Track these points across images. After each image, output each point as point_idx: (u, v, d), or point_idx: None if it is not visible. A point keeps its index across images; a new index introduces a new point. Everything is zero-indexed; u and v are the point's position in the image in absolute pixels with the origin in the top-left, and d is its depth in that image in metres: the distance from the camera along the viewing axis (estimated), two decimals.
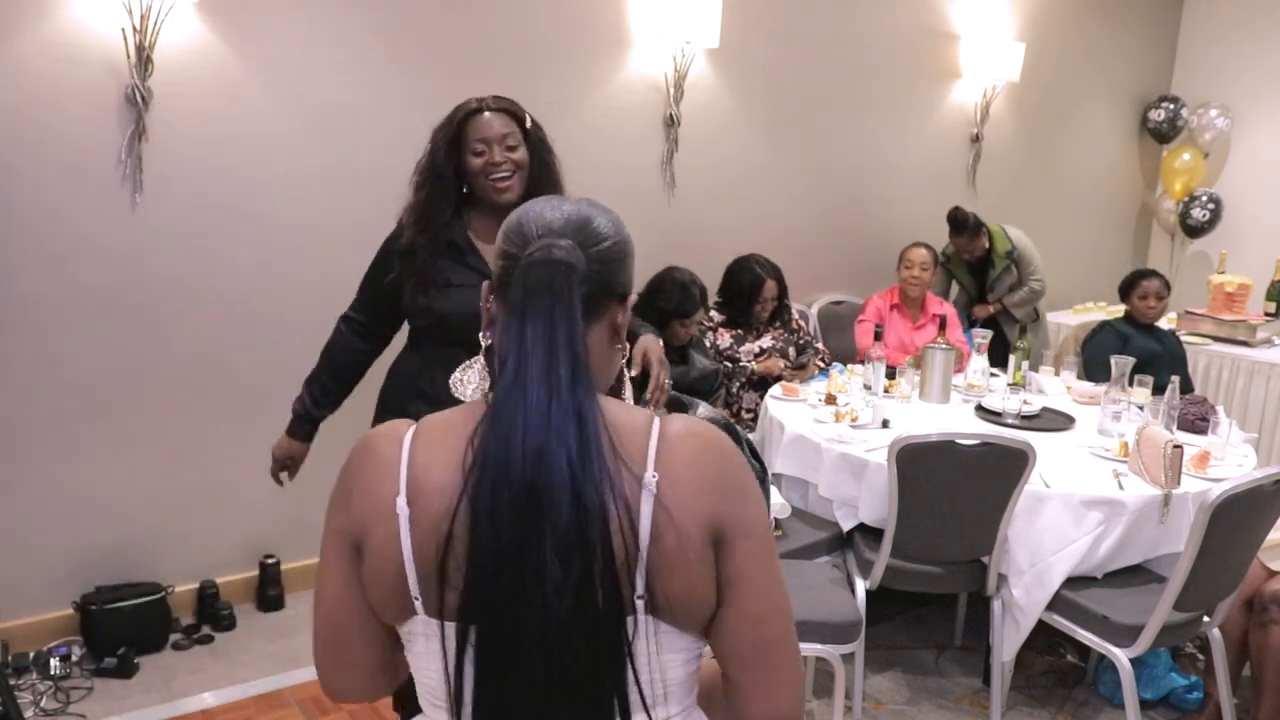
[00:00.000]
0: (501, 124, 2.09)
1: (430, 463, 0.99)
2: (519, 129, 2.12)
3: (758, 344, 4.00)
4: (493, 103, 2.12)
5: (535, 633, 0.91)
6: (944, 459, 2.64)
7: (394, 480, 0.99)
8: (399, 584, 0.99)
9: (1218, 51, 5.95)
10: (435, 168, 2.12)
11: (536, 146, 2.15)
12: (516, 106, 2.16)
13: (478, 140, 2.08)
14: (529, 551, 0.90)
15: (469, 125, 2.10)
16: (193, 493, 3.25)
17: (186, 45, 3.00)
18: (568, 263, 0.98)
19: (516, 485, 0.91)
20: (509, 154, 2.08)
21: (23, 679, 2.85)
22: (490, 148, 2.08)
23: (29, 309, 2.90)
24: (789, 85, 4.47)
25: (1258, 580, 2.76)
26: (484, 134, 2.08)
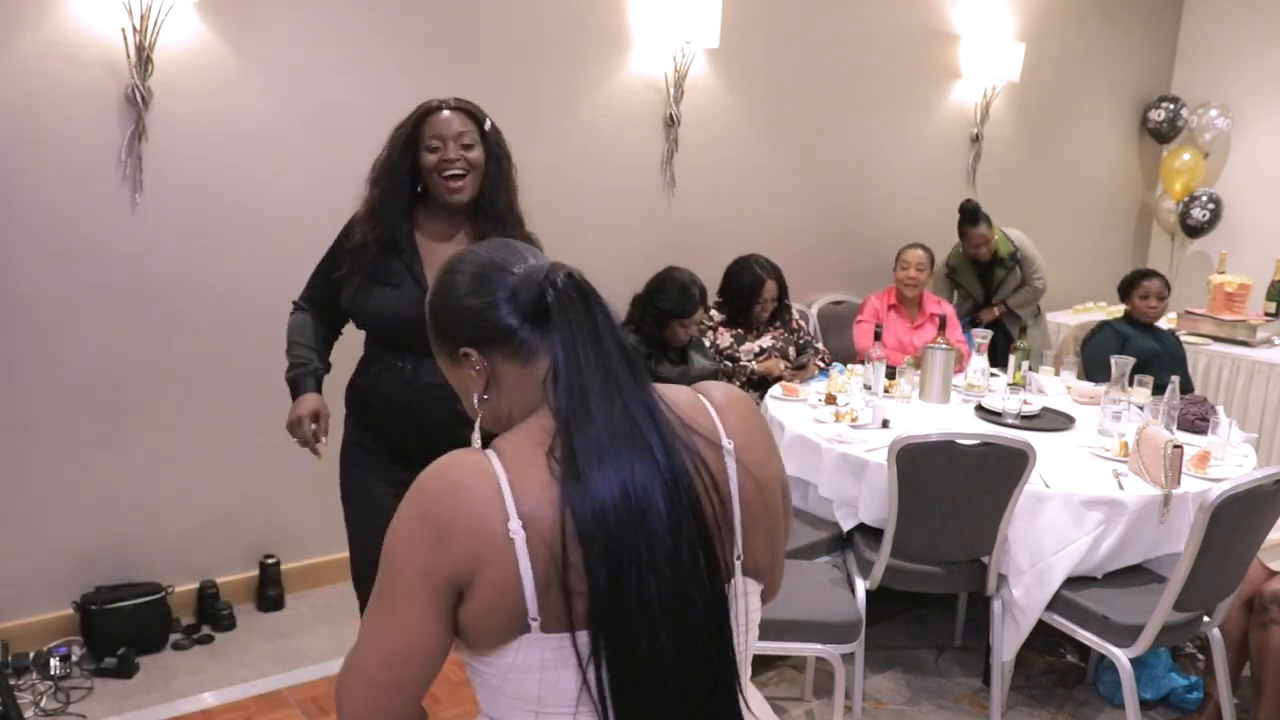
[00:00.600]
0: (459, 122, 2.08)
1: (524, 484, 1.00)
2: (477, 129, 2.11)
3: (758, 344, 4.00)
4: (453, 102, 2.12)
5: (661, 615, 0.96)
6: (944, 459, 2.64)
7: (500, 509, 0.99)
8: (517, 609, 0.99)
9: (1218, 51, 5.95)
10: (390, 165, 2.13)
11: (493, 150, 2.14)
12: (476, 108, 2.15)
13: (433, 136, 2.08)
14: (640, 542, 0.96)
15: (425, 122, 2.09)
16: (193, 493, 3.25)
17: (186, 45, 3.00)
18: (575, 271, 1.06)
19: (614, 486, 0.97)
20: (464, 152, 2.08)
21: (23, 679, 2.85)
22: (445, 144, 2.07)
23: (29, 309, 2.90)
24: (789, 85, 4.47)
25: (1258, 580, 2.76)
26: (439, 131, 2.08)
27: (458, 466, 1.02)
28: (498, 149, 2.15)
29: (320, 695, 2.88)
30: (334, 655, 3.09)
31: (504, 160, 2.16)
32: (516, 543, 0.98)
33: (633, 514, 0.97)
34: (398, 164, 2.11)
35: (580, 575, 0.97)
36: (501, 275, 1.08)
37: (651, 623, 0.96)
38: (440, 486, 1.01)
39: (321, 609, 3.40)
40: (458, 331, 1.11)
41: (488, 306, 1.08)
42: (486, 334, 1.08)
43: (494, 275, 1.09)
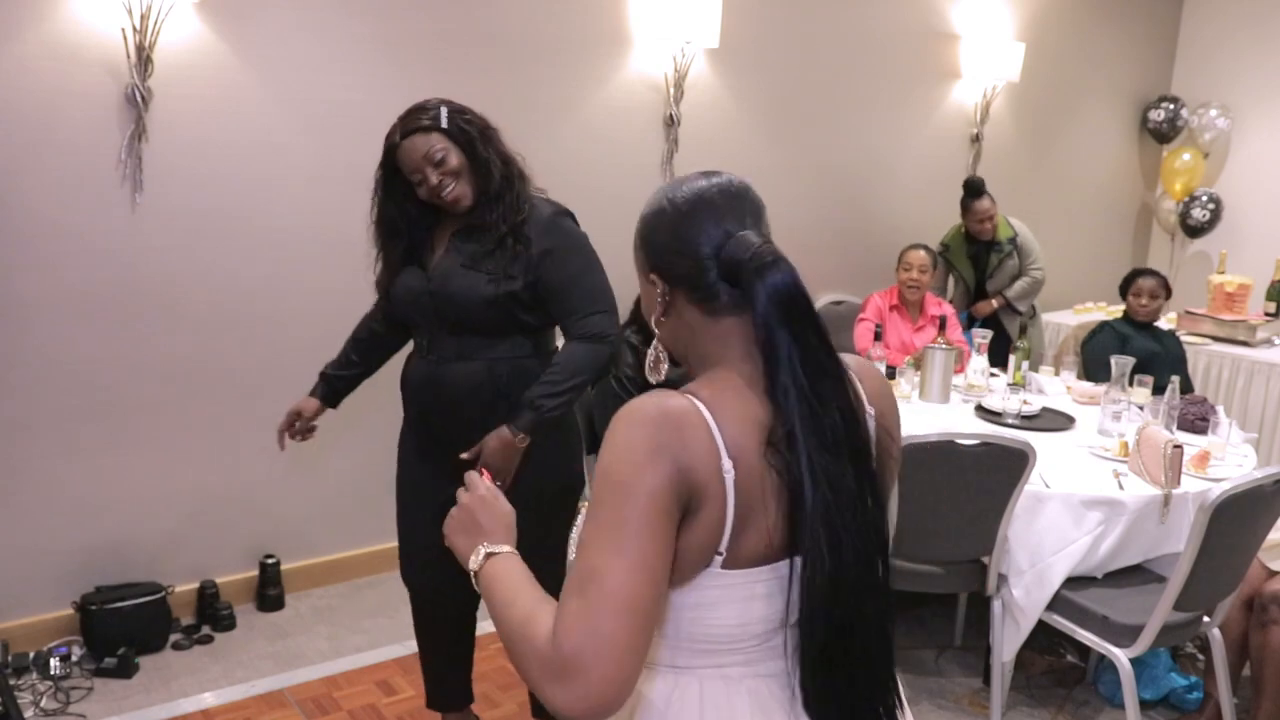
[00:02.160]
0: (421, 144, 2.05)
1: (730, 427, 1.04)
2: (439, 134, 2.06)
3: None
4: (406, 124, 2.07)
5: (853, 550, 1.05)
6: (944, 459, 2.64)
7: (714, 448, 1.02)
8: (712, 545, 1.03)
9: (1218, 51, 5.95)
10: (382, 216, 2.17)
11: (460, 138, 2.08)
12: (429, 114, 2.08)
13: (411, 172, 2.07)
14: (843, 484, 1.04)
15: (396, 160, 2.09)
16: (193, 493, 3.25)
17: (186, 45, 3.00)
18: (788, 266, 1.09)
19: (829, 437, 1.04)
20: (441, 169, 2.06)
21: (23, 679, 2.85)
22: (424, 172, 2.06)
23: (29, 309, 2.90)
24: (789, 85, 4.47)
25: (1258, 580, 2.76)
26: (411, 164, 2.06)
27: (673, 405, 1.03)
28: (463, 133, 2.09)
29: (320, 695, 2.88)
30: (334, 655, 3.09)
31: (476, 141, 2.10)
32: (728, 481, 1.02)
33: (840, 461, 1.04)
34: (386, 210, 2.16)
35: (778, 515, 1.04)
36: (712, 227, 1.10)
37: (846, 555, 1.04)
38: (668, 420, 1.01)
39: (321, 609, 3.40)
40: (653, 256, 1.14)
41: (691, 255, 1.10)
42: (680, 276, 1.12)
43: (705, 222, 1.11)
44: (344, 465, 3.50)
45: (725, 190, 1.13)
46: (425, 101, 2.13)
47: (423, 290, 2.16)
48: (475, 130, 2.11)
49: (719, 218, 1.10)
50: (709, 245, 1.09)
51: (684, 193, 1.13)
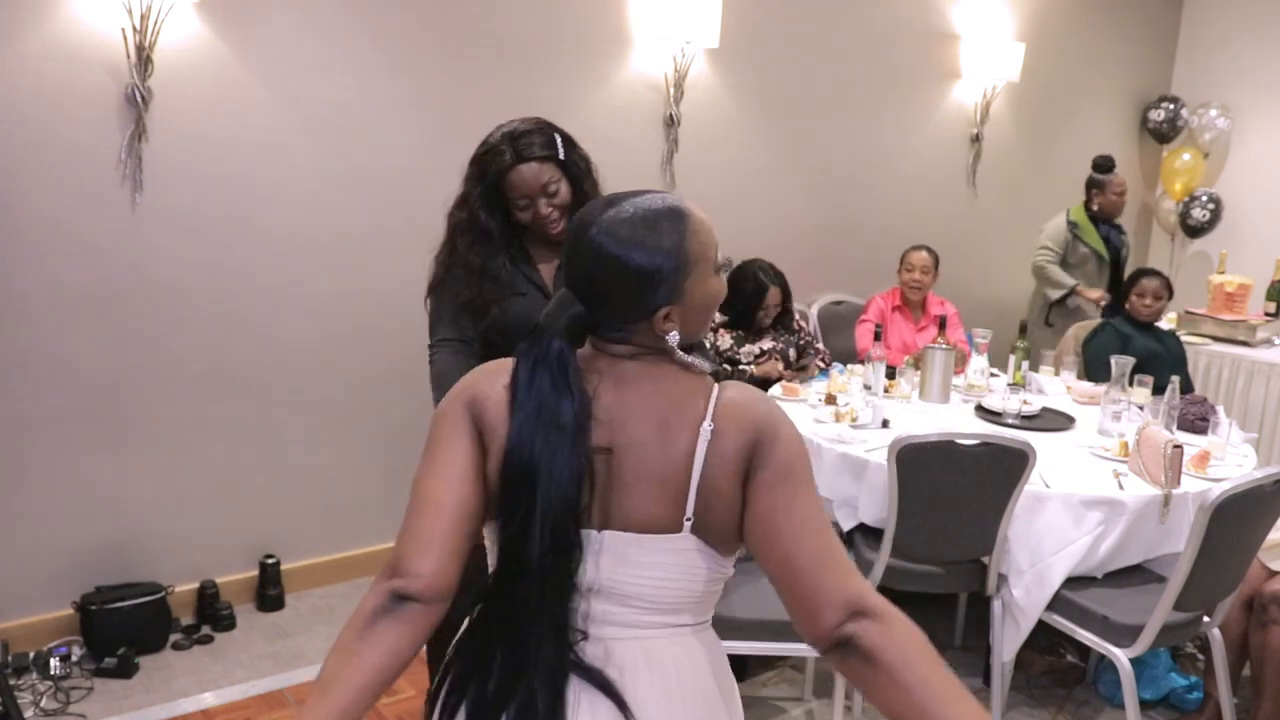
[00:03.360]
0: (537, 173, 1.99)
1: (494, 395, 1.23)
2: (554, 165, 2.01)
3: (758, 346, 4.00)
4: (524, 149, 1.99)
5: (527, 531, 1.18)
6: (944, 459, 2.64)
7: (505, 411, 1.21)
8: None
9: (1218, 52, 5.95)
10: (478, 225, 2.04)
11: (574, 174, 2.04)
12: (545, 141, 2.02)
13: (519, 198, 2.00)
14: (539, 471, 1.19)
15: (505, 183, 2.00)
16: (193, 493, 3.25)
17: (186, 45, 3.00)
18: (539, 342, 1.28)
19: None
20: (552, 201, 2.01)
21: (23, 679, 2.86)
22: (534, 202, 2.00)
23: (28, 309, 2.90)
24: (789, 85, 4.47)
25: (1258, 580, 2.76)
26: (524, 191, 1.99)
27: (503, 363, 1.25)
28: (576, 169, 2.05)
29: None
30: None
31: (584, 178, 2.06)
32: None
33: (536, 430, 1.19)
34: (487, 223, 2.03)
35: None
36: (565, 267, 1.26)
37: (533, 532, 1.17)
38: (484, 371, 1.26)
39: (321, 609, 3.40)
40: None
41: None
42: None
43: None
44: (344, 465, 3.50)
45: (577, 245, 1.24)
46: (534, 123, 2.04)
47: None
48: (584, 164, 2.08)
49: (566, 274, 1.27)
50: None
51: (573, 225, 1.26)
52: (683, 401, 1.21)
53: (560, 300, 1.22)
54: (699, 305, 1.24)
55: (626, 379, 1.22)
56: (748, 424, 1.19)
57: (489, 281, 2.04)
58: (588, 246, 1.19)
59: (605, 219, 1.19)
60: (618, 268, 1.18)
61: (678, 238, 1.19)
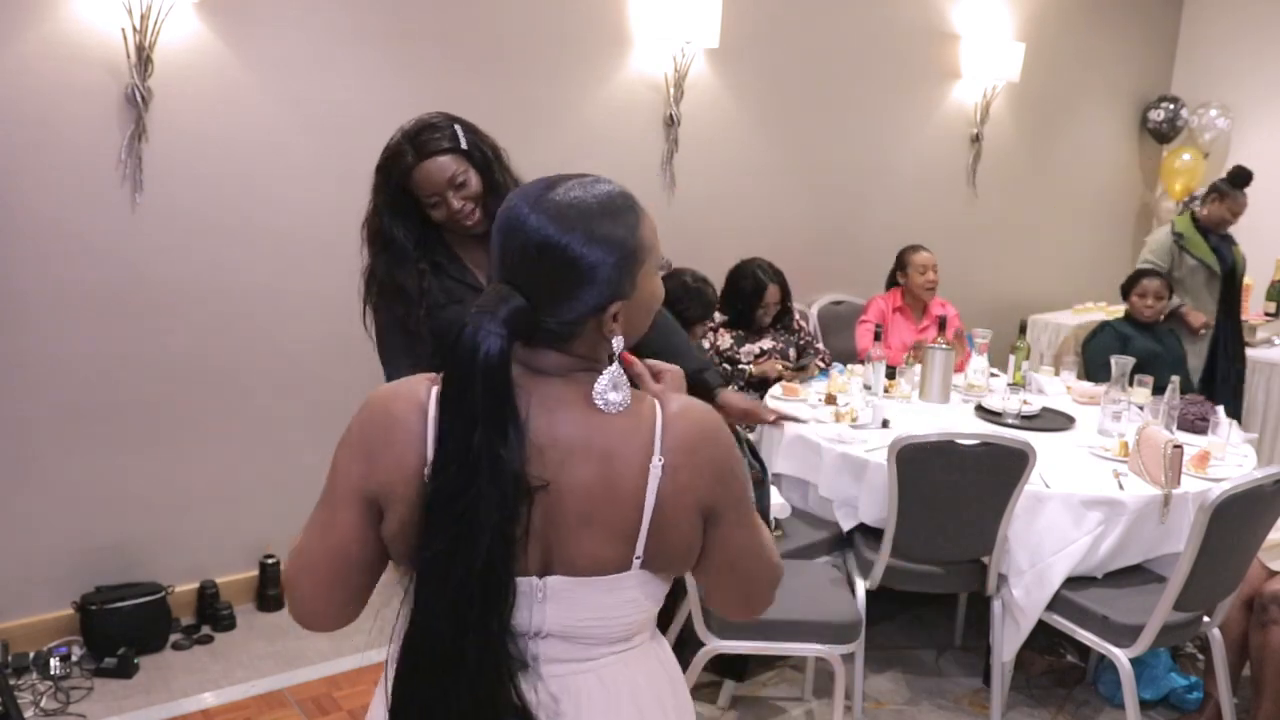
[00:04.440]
0: (442, 167, 1.91)
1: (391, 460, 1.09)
2: (458, 156, 1.93)
3: (758, 345, 4.00)
4: (426, 145, 1.92)
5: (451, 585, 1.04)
6: (944, 459, 2.64)
7: (424, 450, 1.06)
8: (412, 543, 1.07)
9: (1218, 51, 5.95)
10: (383, 234, 1.97)
11: (478, 160, 1.96)
12: (447, 134, 1.94)
13: (429, 195, 1.93)
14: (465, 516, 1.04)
15: (411, 182, 1.93)
16: (193, 493, 3.25)
17: (186, 45, 3.00)
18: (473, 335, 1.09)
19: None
20: (462, 193, 1.93)
21: (23, 679, 2.85)
22: (444, 197, 1.92)
23: (28, 308, 2.90)
24: (789, 85, 4.47)
25: (1258, 580, 2.76)
26: (431, 188, 1.92)
27: (401, 400, 1.09)
28: (482, 156, 1.97)
29: (320, 695, 2.88)
30: (334, 655, 3.09)
31: (493, 165, 1.99)
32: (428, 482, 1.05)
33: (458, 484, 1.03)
34: (390, 230, 1.96)
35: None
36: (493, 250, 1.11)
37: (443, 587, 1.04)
38: (381, 416, 1.09)
39: None
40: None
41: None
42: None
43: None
44: None
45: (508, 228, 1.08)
46: (433, 118, 1.98)
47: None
48: (490, 152, 2.02)
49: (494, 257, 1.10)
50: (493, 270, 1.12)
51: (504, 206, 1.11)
52: (625, 432, 1.07)
53: (495, 293, 1.05)
54: (646, 303, 1.13)
55: (559, 402, 1.07)
56: (704, 465, 1.09)
57: (399, 295, 1.97)
58: (531, 232, 1.04)
59: (550, 201, 1.05)
60: (568, 256, 1.04)
61: (633, 223, 1.08)
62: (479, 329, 1.02)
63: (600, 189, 1.09)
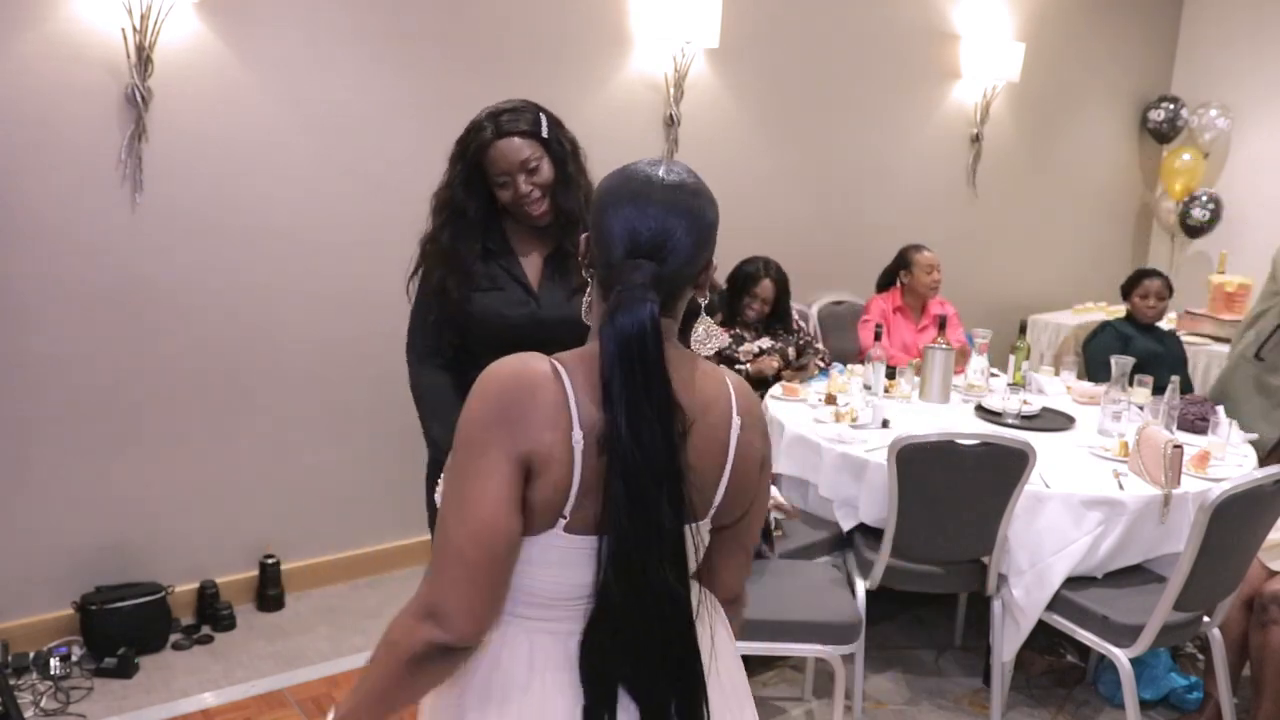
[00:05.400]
0: (518, 149, 1.95)
1: (583, 399, 1.11)
2: (537, 143, 1.97)
3: (756, 345, 4.00)
4: (506, 124, 1.96)
5: (656, 537, 1.10)
6: (944, 459, 2.64)
7: (569, 416, 1.10)
8: (558, 508, 1.11)
9: (1218, 51, 5.95)
10: (455, 204, 2.00)
11: (557, 153, 2.01)
12: (528, 118, 1.99)
13: (498, 174, 1.96)
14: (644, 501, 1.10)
15: (485, 158, 1.96)
16: (193, 493, 3.25)
17: (186, 45, 3.00)
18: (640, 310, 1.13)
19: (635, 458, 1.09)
20: (533, 179, 1.96)
21: (23, 679, 2.85)
22: (514, 179, 1.95)
23: (28, 309, 2.90)
24: (789, 85, 4.47)
25: (1258, 580, 2.76)
26: (503, 166, 1.95)
27: (532, 369, 1.12)
28: (560, 149, 2.01)
29: (320, 695, 2.88)
30: (334, 655, 3.09)
31: (569, 159, 2.02)
32: (576, 450, 1.09)
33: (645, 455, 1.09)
34: (464, 203, 1.99)
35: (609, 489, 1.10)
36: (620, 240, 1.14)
37: (649, 539, 1.10)
38: (513, 383, 1.11)
39: (321, 609, 3.40)
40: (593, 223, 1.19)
41: (603, 251, 1.15)
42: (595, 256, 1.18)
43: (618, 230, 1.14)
44: (344, 465, 3.50)
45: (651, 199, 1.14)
46: (519, 103, 2.01)
47: (528, 317, 2.02)
48: (569, 145, 2.04)
49: (633, 231, 1.13)
50: (617, 251, 1.14)
51: (626, 186, 1.15)
52: (715, 390, 1.20)
53: (633, 266, 1.12)
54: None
55: (672, 362, 1.14)
56: (761, 422, 1.24)
57: (454, 263, 2.00)
58: (663, 195, 1.13)
59: (665, 172, 1.15)
60: (694, 219, 1.14)
61: (711, 195, 1.20)
62: (638, 300, 1.10)
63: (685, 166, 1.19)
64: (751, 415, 1.23)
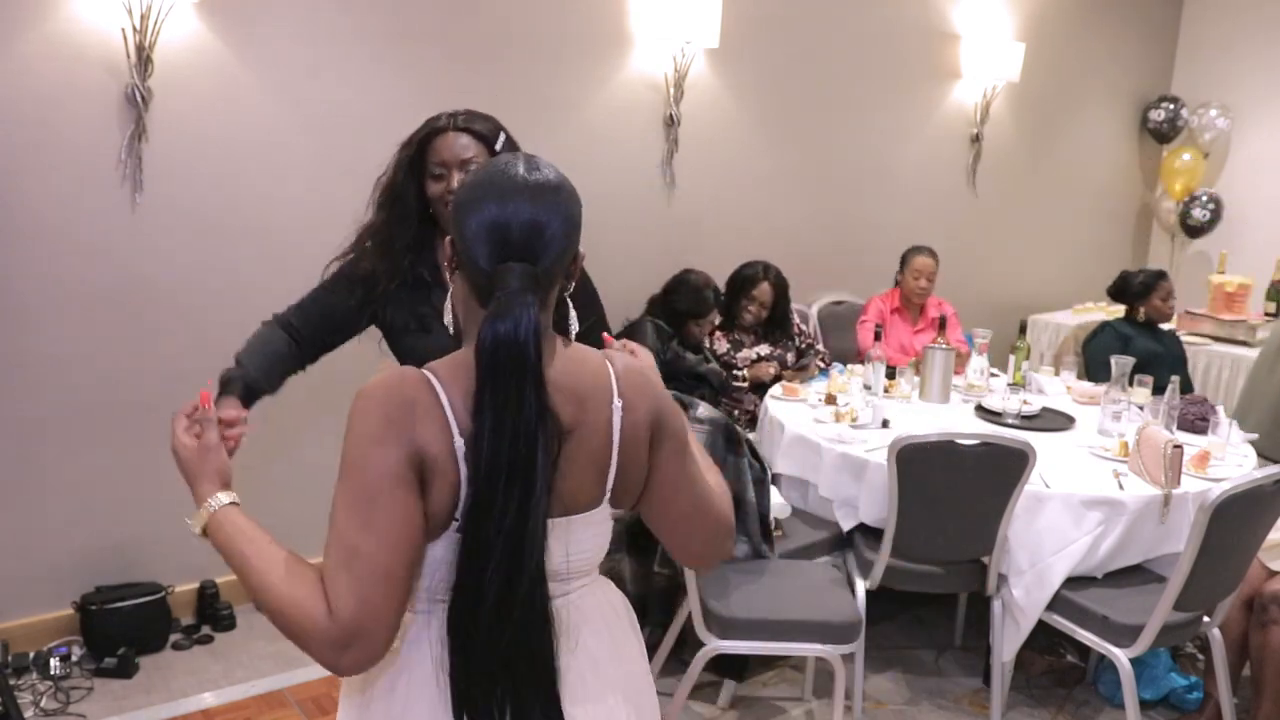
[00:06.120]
0: (464, 145, 1.87)
1: (458, 407, 1.13)
2: (485, 149, 1.89)
3: (755, 351, 4.00)
4: (461, 120, 1.90)
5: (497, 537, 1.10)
6: (944, 459, 2.64)
7: (446, 425, 1.12)
8: (451, 508, 1.13)
9: (1218, 51, 5.95)
10: (395, 189, 1.94)
11: None
12: (488, 126, 1.92)
13: (437, 163, 1.88)
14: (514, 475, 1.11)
15: (430, 145, 1.89)
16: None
17: (186, 45, 3.00)
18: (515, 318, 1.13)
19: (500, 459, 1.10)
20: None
21: (23, 679, 2.85)
22: (449, 172, 1.86)
23: (28, 309, 2.90)
24: (789, 85, 4.47)
25: (1258, 580, 2.76)
26: (443, 156, 1.87)
27: (407, 382, 1.13)
28: None
29: (320, 695, 2.88)
30: None
31: None
32: (459, 455, 1.11)
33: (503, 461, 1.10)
34: (403, 188, 1.93)
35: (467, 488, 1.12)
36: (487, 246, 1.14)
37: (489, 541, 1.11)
38: (389, 394, 1.13)
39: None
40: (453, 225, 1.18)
41: (469, 258, 1.15)
42: (462, 260, 1.18)
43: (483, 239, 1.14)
44: None
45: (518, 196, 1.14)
46: (485, 114, 1.96)
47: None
48: None
49: (504, 228, 1.13)
50: (485, 251, 1.14)
51: (491, 184, 1.15)
52: (592, 376, 1.20)
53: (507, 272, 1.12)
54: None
55: (551, 358, 1.17)
56: (649, 398, 1.23)
57: (389, 256, 1.95)
58: (530, 192, 1.13)
59: (528, 169, 1.15)
60: (564, 212, 1.15)
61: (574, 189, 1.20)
62: (517, 305, 1.10)
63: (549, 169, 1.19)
64: (638, 394, 1.22)
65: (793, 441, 3.14)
